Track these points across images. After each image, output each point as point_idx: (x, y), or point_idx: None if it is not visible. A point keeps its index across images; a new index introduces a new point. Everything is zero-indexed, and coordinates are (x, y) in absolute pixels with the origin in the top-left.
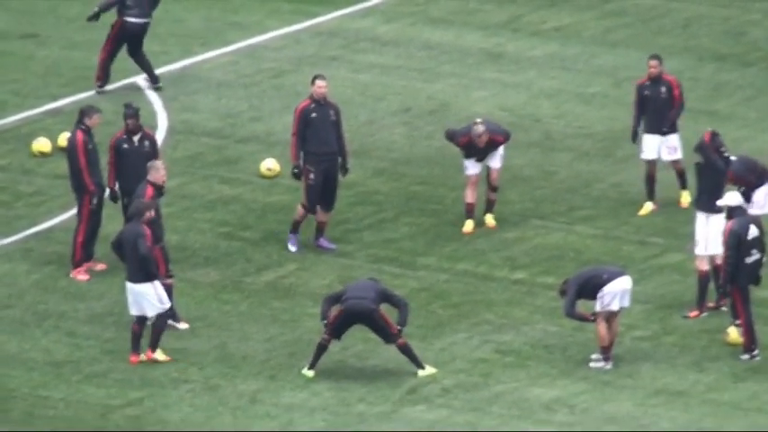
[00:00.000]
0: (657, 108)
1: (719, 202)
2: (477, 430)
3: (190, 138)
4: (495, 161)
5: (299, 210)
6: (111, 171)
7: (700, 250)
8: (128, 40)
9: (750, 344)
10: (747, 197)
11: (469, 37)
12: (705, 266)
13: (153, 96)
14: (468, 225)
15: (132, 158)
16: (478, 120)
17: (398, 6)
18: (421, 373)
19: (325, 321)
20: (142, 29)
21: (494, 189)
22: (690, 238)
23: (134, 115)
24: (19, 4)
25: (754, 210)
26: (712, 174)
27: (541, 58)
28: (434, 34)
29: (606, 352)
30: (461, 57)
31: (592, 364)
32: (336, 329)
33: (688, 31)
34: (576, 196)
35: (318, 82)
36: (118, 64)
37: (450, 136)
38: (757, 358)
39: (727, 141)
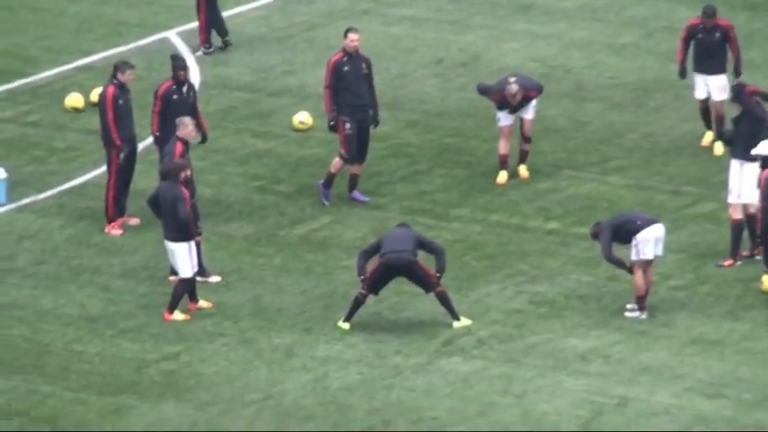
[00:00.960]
0: (711, 51)
1: (755, 151)
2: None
3: (223, 92)
4: (529, 113)
5: (336, 162)
6: (156, 119)
7: (733, 198)
8: None
9: None
10: None
11: None
12: (739, 215)
13: (185, 51)
14: (502, 176)
15: (182, 108)
16: (512, 79)
17: None
18: (456, 324)
19: (362, 277)
20: None
21: (527, 140)
22: (724, 186)
23: (185, 67)
24: None
25: None
26: (749, 121)
27: (572, 8)
28: None
29: (641, 302)
30: (492, 8)
31: (627, 314)
32: (375, 284)
33: None
34: (608, 146)
35: (351, 35)
36: (147, 18)
37: (484, 91)
38: None
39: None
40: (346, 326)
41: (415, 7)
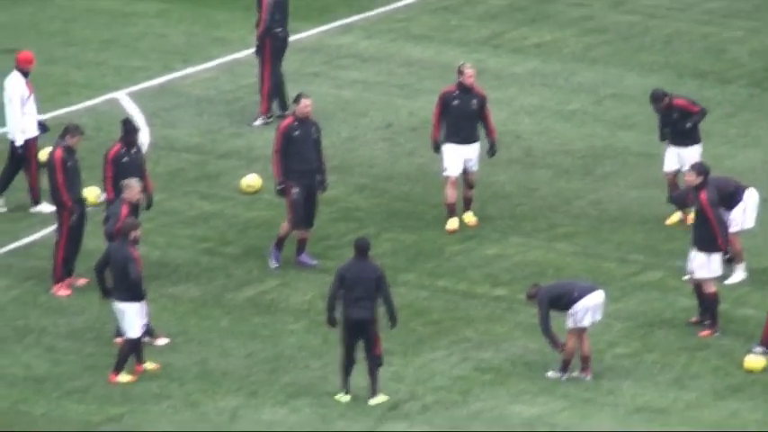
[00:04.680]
0: (675, 128)
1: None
2: None
3: (170, 153)
4: (473, 165)
5: (284, 226)
6: (109, 183)
7: (706, 273)
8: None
9: None
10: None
11: (450, 53)
12: (713, 288)
13: (134, 111)
14: (452, 223)
15: (131, 170)
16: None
17: (379, 23)
18: (374, 400)
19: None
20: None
21: (471, 186)
22: (672, 255)
23: (136, 130)
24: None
25: (732, 228)
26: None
27: (522, 74)
28: (415, 50)
29: (566, 365)
30: (442, 73)
31: (549, 374)
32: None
33: (669, 47)
34: (556, 213)
35: (304, 101)
36: (96, 80)
37: None
38: None
39: (708, 158)
40: (346, 398)
41: (366, 71)
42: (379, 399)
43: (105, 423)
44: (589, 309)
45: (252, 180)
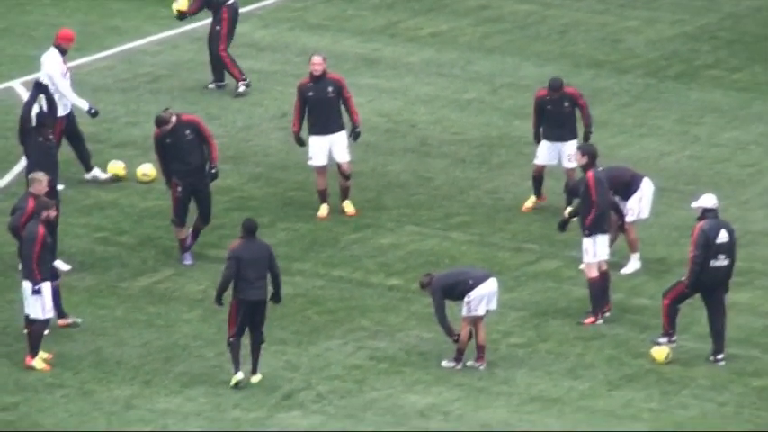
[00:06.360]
0: (560, 119)
1: (694, 204)
2: None
3: (66, 142)
4: (344, 157)
5: (173, 229)
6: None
7: (589, 258)
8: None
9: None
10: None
11: (346, 42)
12: (595, 273)
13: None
14: (323, 210)
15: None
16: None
17: (276, 12)
18: (255, 378)
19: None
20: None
21: (346, 177)
22: (568, 245)
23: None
24: None
25: (629, 218)
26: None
27: (418, 63)
28: (311, 40)
29: (460, 355)
30: (338, 62)
31: (444, 363)
32: (240, 326)
33: (565, 37)
34: (451, 202)
35: (173, 118)
36: None
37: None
38: (674, 343)
39: (604, 148)
40: (240, 375)
41: (261, 60)
42: (259, 377)
43: None
44: (484, 297)
45: (147, 169)
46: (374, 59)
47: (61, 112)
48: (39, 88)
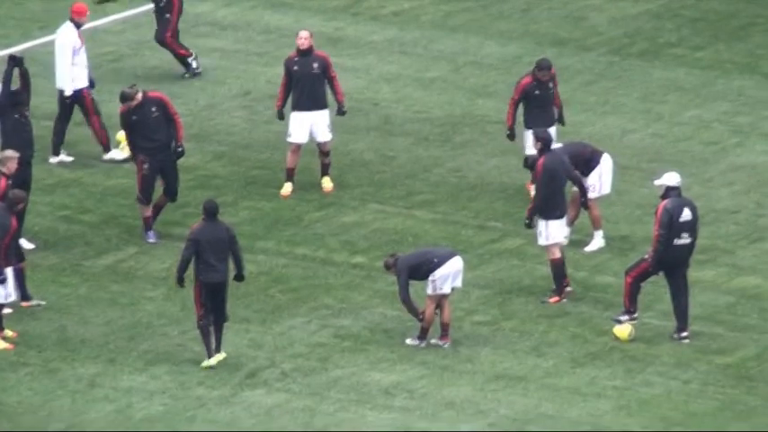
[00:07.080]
0: (546, 104)
1: (657, 182)
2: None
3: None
4: (325, 136)
5: (139, 207)
6: None
7: (542, 240)
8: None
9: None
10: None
11: (309, 21)
12: (558, 254)
13: None
14: (287, 188)
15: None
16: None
17: None
18: (211, 361)
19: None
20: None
21: (326, 154)
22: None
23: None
24: None
25: (591, 194)
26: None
27: (380, 42)
28: (274, 18)
29: (425, 333)
30: None
31: (408, 341)
32: (205, 305)
33: (528, 15)
34: (414, 181)
35: (138, 96)
36: None
37: None
38: (635, 321)
39: (567, 126)
40: (212, 362)
41: (224, 39)
42: (223, 355)
43: None
44: (449, 275)
45: (120, 136)
46: (337, 38)
47: (80, 85)
48: (13, 61)
